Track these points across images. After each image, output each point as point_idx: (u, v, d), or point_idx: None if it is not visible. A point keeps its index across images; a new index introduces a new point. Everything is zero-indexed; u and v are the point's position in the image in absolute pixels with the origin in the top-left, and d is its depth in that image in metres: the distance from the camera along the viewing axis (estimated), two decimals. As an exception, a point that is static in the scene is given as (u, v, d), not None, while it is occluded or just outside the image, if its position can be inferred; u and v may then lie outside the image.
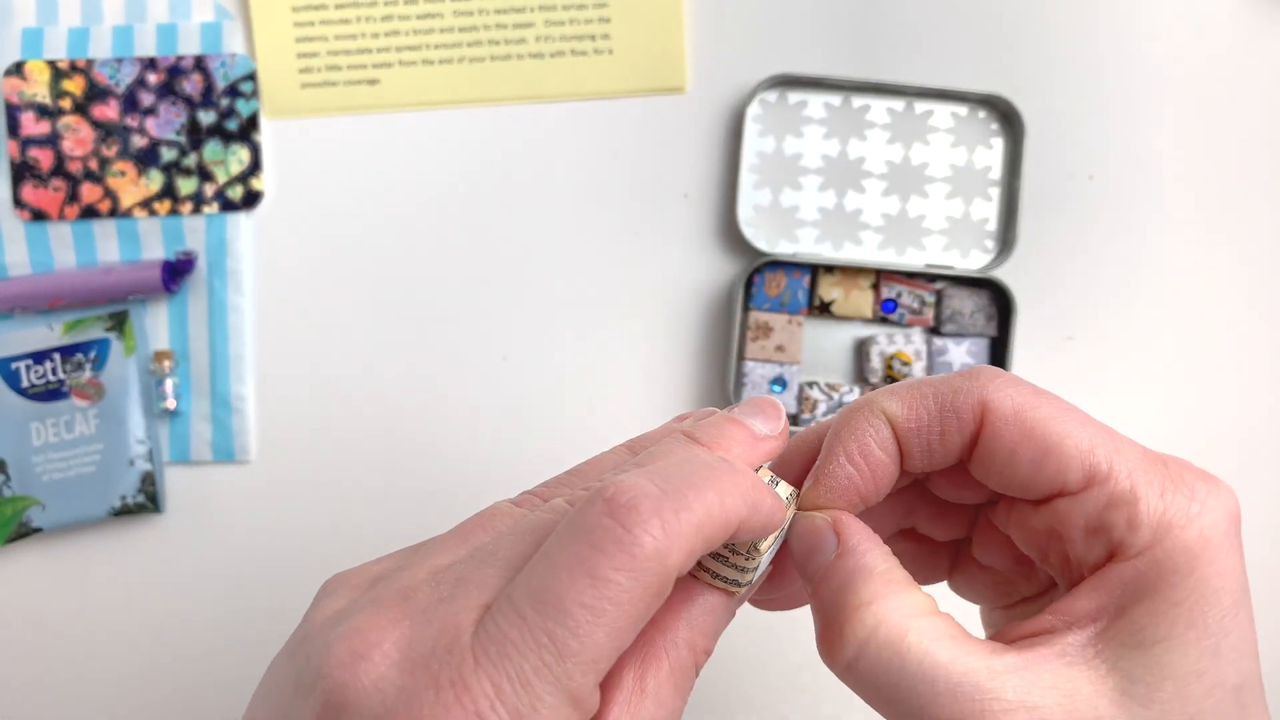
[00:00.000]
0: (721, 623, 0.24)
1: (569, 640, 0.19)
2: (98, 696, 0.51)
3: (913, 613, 0.23)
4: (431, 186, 0.52)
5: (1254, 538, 0.53)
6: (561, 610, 0.19)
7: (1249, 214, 0.52)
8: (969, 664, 0.22)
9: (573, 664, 0.19)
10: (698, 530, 0.20)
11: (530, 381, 0.52)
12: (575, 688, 0.19)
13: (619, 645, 0.20)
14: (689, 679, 0.23)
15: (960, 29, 0.52)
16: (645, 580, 0.20)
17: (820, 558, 0.24)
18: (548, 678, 0.19)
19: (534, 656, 0.19)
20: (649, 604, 0.20)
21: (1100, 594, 0.23)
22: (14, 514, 0.50)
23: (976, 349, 0.51)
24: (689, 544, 0.20)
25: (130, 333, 0.50)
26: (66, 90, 0.50)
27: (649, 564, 0.20)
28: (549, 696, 0.19)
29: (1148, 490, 0.23)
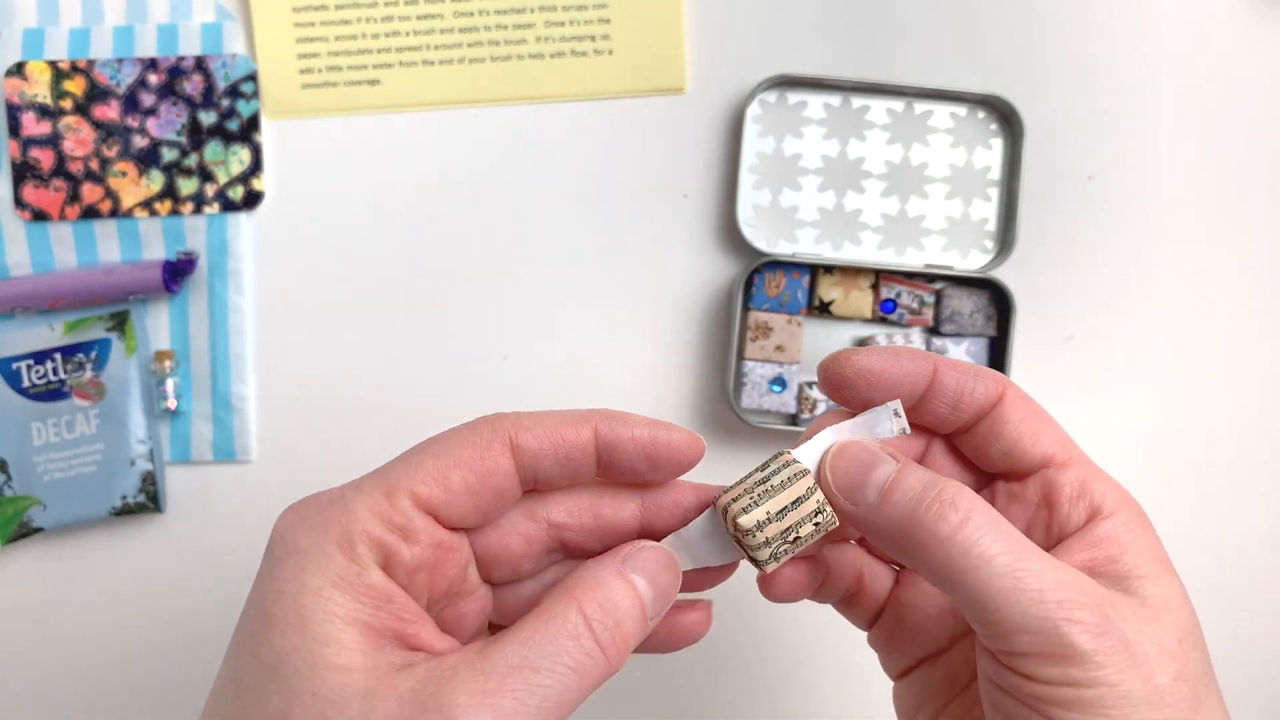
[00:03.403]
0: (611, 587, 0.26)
1: (404, 455, 0.26)
2: (99, 696, 0.51)
3: (984, 501, 0.26)
4: (432, 187, 0.52)
5: (1252, 537, 0.53)
6: (414, 445, 0.27)
7: (1248, 214, 0.52)
8: (1035, 549, 0.25)
9: (398, 468, 0.26)
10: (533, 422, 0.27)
11: (530, 381, 0.52)
12: (391, 483, 0.25)
13: (443, 474, 0.25)
14: (569, 626, 0.24)
15: (960, 30, 0.52)
16: (477, 434, 0.27)
17: (885, 469, 0.27)
18: (377, 475, 0.26)
19: (378, 468, 0.26)
20: (473, 454, 0.26)
21: (1091, 548, 0.27)
22: (15, 514, 0.50)
23: (976, 349, 0.51)
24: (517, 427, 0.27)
25: (131, 333, 0.51)
26: (67, 91, 0.50)
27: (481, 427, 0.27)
28: (367, 482, 0.25)
29: (1099, 473, 0.29)
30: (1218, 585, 0.52)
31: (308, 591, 0.23)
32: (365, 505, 0.25)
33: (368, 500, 0.25)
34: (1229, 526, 0.52)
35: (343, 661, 0.23)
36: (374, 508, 0.25)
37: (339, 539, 0.24)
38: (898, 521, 0.26)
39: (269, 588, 0.24)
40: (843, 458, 0.28)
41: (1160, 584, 0.26)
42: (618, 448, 0.27)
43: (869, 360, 0.29)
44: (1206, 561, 0.52)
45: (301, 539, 0.24)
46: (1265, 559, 0.52)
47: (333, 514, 0.25)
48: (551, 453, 0.27)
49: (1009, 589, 0.24)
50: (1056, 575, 0.25)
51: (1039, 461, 0.29)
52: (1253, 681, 0.52)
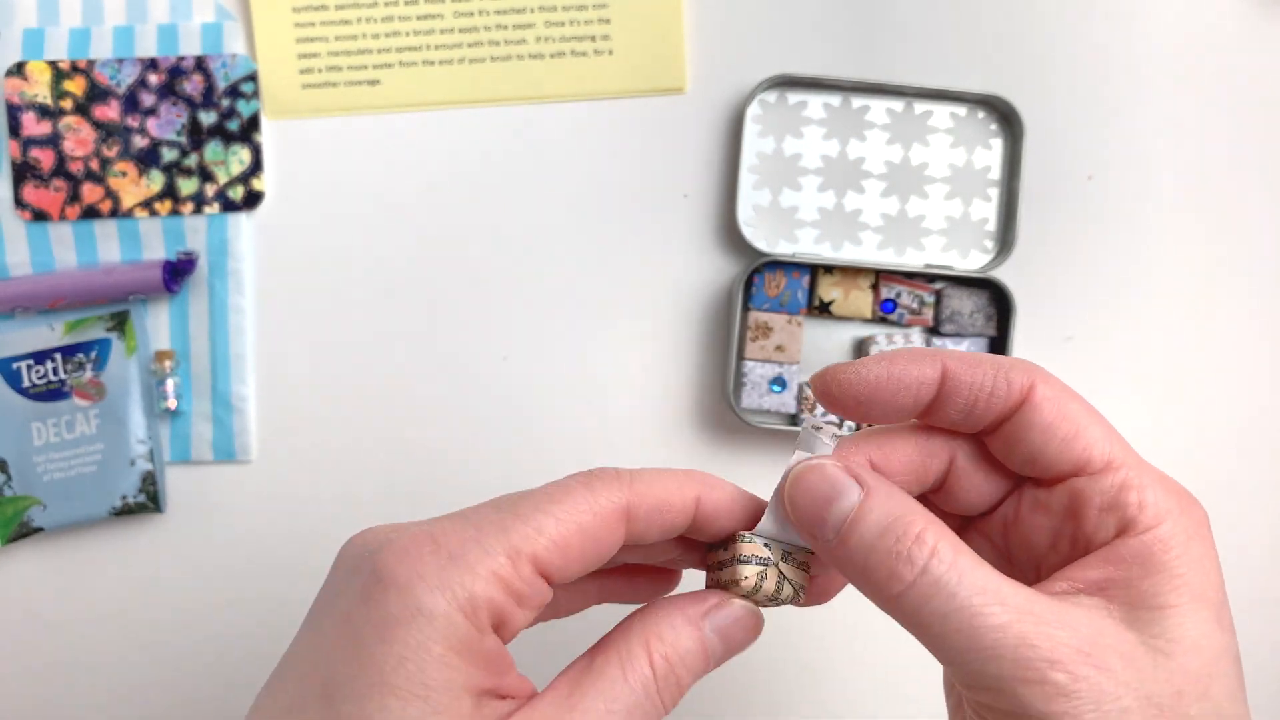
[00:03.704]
0: (683, 638, 0.26)
1: (526, 512, 0.25)
2: (99, 696, 0.51)
3: (957, 542, 0.25)
4: (432, 187, 0.52)
5: (1252, 537, 0.53)
6: (530, 499, 0.25)
7: (1248, 213, 0.52)
8: (1012, 590, 0.24)
9: (519, 527, 0.24)
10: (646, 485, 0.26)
11: (530, 381, 0.52)
12: (514, 545, 0.24)
13: (562, 536, 0.25)
14: (641, 678, 0.25)
15: (959, 29, 0.52)
16: (595, 496, 0.25)
17: (845, 501, 0.25)
18: (497, 529, 0.24)
19: (493, 517, 0.25)
20: (595, 517, 0.25)
21: (1110, 566, 0.25)
22: (15, 514, 0.50)
23: (976, 349, 0.51)
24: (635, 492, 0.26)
25: (131, 333, 0.51)
26: (68, 91, 0.50)
27: (601, 489, 0.26)
28: (490, 541, 0.24)
29: (1151, 481, 0.26)
30: (1218, 585, 0.52)
31: (433, 659, 0.23)
32: (490, 568, 0.24)
33: (492, 563, 0.24)
34: (1229, 526, 0.52)
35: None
36: (499, 571, 0.24)
37: (464, 605, 0.23)
38: (855, 568, 0.25)
39: (388, 650, 0.23)
40: (800, 488, 0.26)
41: (1182, 617, 0.24)
42: (712, 519, 0.27)
43: (856, 376, 0.27)
44: (1206, 561, 0.52)
45: (425, 599, 0.23)
46: (1266, 559, 0.52)
47: (457, 573, 0.24)
48: (659, 521, 0.26)
49: (966, 648, 0.23)
50: (1021, 629, 0.23)
51: (1070, 469, 0.26)
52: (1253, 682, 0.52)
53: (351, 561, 0.25)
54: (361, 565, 0.24)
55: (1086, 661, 0.23)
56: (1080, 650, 0.23)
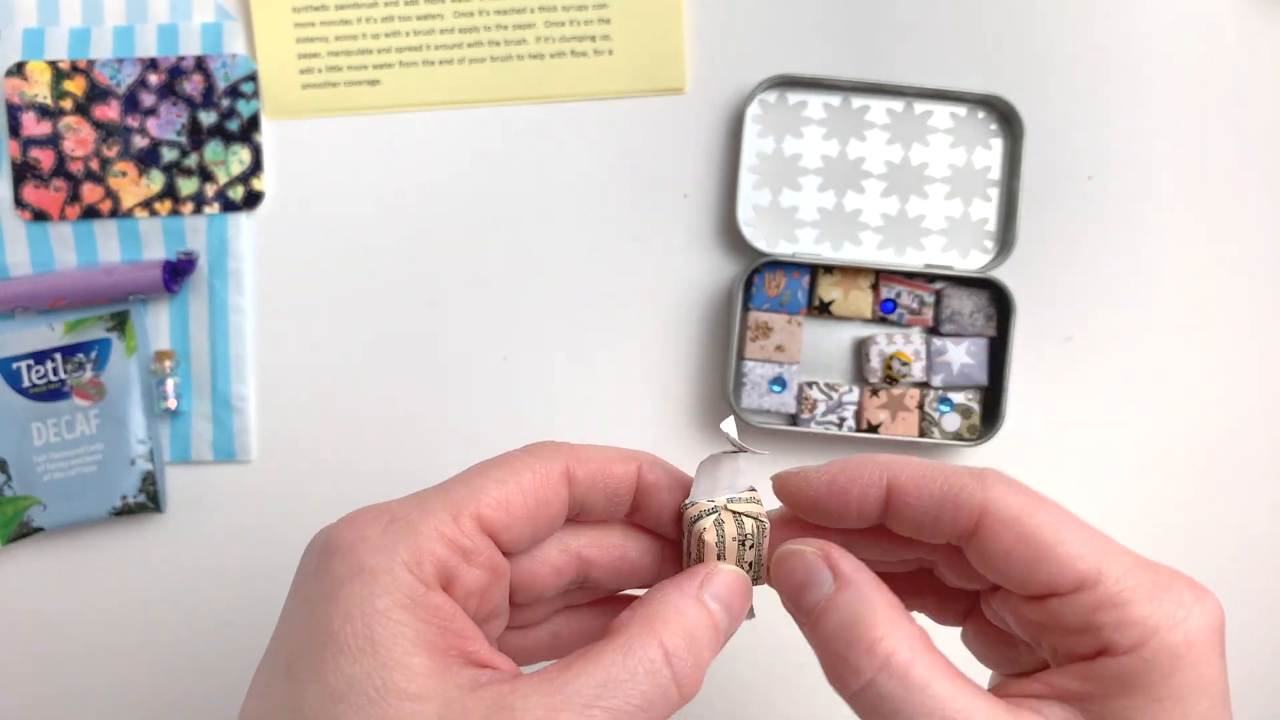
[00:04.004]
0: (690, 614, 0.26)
1: (470, 478, 0.26)
2: (99, 696, 0.51)
3: (917, 649, 0.24)
4: (432, 187, 0.52)
5: (1253, 537, 0.53)
6: (473, 466, 0.27)
7: (1248, 214, 0.52)
8: (965, 704, 0.23)
9: (460, 489, 0.26)
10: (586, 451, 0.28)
11: (530, 382, 0.52)
12: (455, 504, 0.25)
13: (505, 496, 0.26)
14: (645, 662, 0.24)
15: (959, 29, 0.52)
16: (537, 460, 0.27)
17: (816, 592, 0.26)
18: (438, 493, 0.26)
19: (438, 487, 0.26)
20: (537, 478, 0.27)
21: (1088, 681, 0.24)
22: (15, 514, 0.50)
23: (976, 349, 0.51)
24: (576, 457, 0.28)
25: (131, 333, 0.51)
26: (68, 91, 0.50)
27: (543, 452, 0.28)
28: (431, 502, 0.25)
29: (1136, 594, 0.24)
30: (1217, 585, 0.52)
31: (378, 614, 0.23)
32: (432, 525, 0.25)
33: (434, 520, 0.25)
34: (1229, 526, 0.52)
35: (414, 689, 0.22)
36: (440, 528, 0.25)
37: (407, 560, 0.24)
38: (821, 656, 0.25)
39: (333, 608, 0.23)
40: (782, 568, 0.27)
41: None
42: (655, 490, 0.28)
43: (805, 484, 0.27)
44: (1206, 561, 0.52)
45: (368, 559, 0.24)
46: (1266, 558, 0.52)
47: (399, 534, 0.24)
48: (601, 487, 0.27)
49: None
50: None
51: (1038, 593, 0.25)
52: (1254, 682, 0.52)
53: (312, 546, 0.26)
54: (317, 543, 0.26)
55: None
56: None
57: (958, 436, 0.51)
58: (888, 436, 0.50)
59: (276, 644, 0.25)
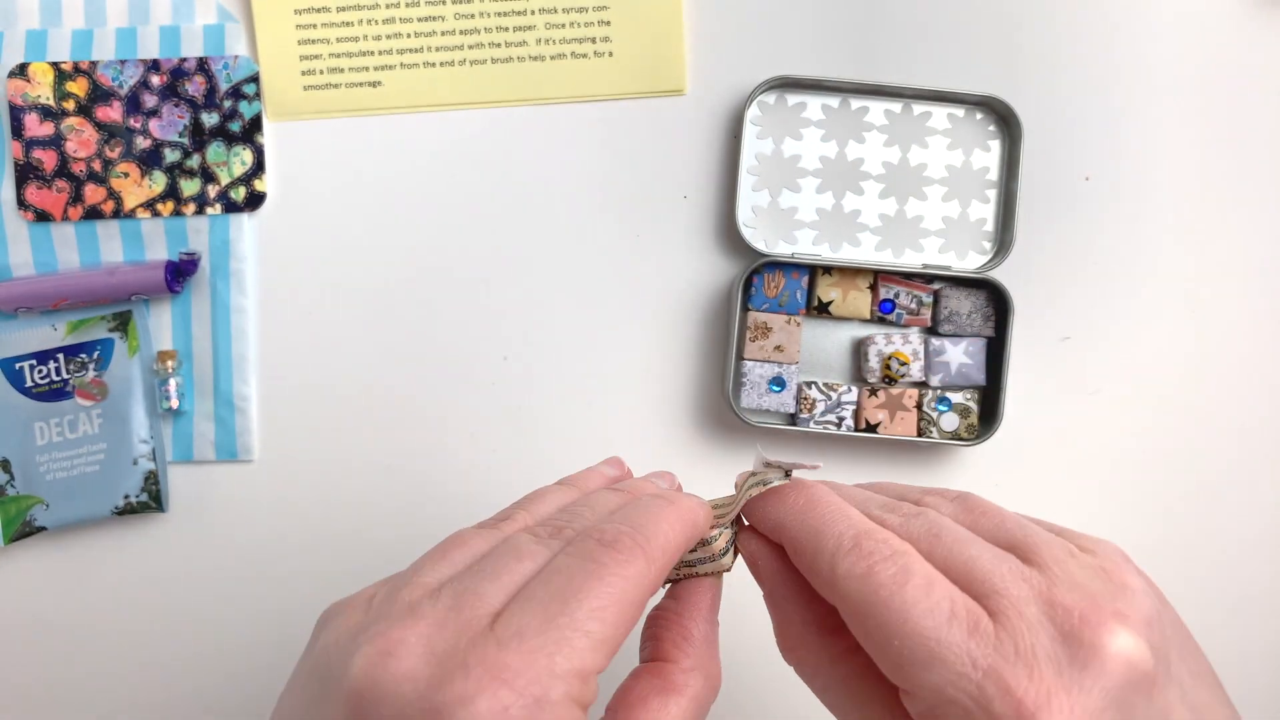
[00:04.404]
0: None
1: (584, 621, 0.24)
2: (101, 695, 0.51)
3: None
4: (433, 187, 0.52)
5: (1251, 536, 0.54)
6: (577, 601, 0.24)
7: (1246, 214, 0.53)
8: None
9: (584, 643, 0.23)
10: (662, 551, 0.27)
11: (530, 381, 0.52)
12: (585, 666, 0.23)
13: (618, 636, 0.24)
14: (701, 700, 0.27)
15: (957, 31, 0.52)
16: (635, 585, 0.25)
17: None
18: (568, 653, 0.23)
19: (553, 634, 0.23)
20: (637, 604, 0.25)
21: None
22: (18, 513, 0.50)
23: (974, 349, 0.51)
24: (659, 562, 0.26)
25: (134, 333, 0.51)
26: (70, 92, 0.51)
27: (636, 575, 0.25)
28: (565, 668, 0.23)
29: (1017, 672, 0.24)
30: (1216, 584, 0.52)
31: None
32: (569, 697, 0.23)
33: (569, 691, 0.23)
34: (1228, 526, 0.53)
35: None
36: (575, 698, 0.23)
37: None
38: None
39: None
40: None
41: None
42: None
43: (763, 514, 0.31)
44: (1205, 560, 0.52)
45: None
46: (1265, 558, 0.53)
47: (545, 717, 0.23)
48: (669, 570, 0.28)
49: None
50: None
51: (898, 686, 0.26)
52: (1252, 679, 0.52)
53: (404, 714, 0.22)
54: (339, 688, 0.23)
55: None
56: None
57: (956, 436, 0.51)
58: (886, 436, 0.51)
59: None
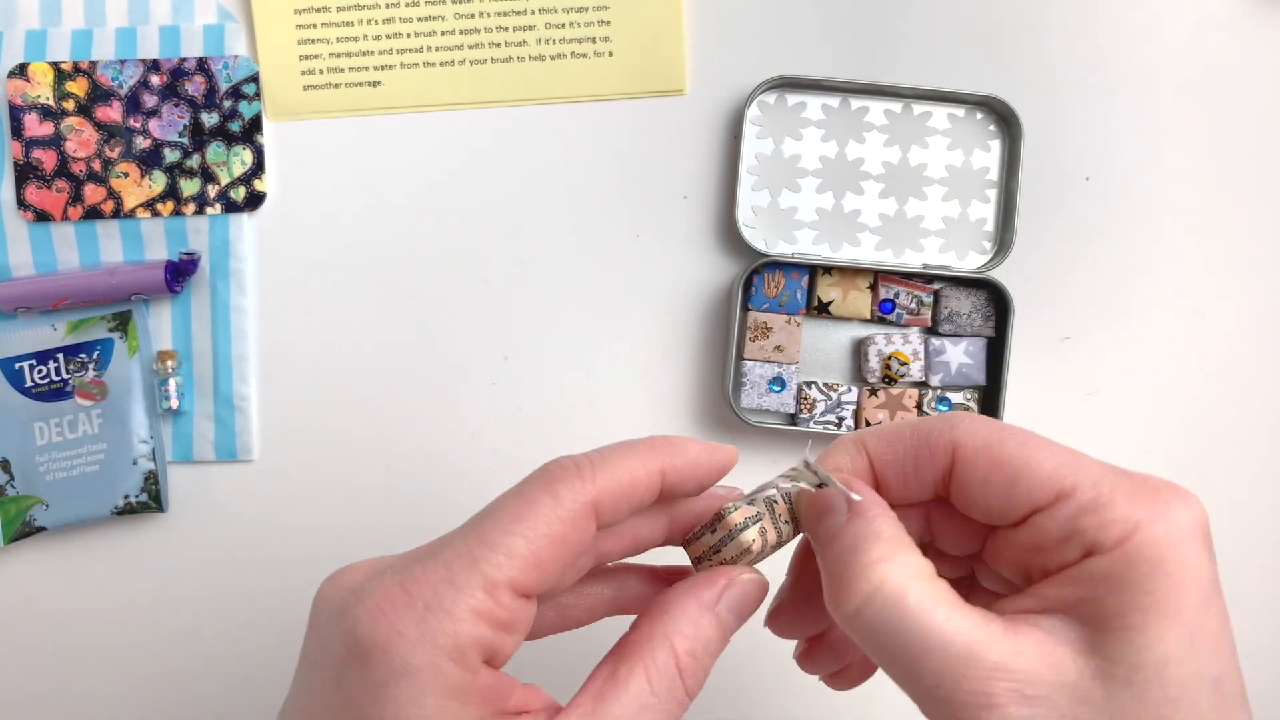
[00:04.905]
0: (704, 628, 0.27)
1: (493, 536, 0.24)
2: (101, 695, 0.51)
3: (914, 575, 0.25)
4: (433, 187, 0.52)
5: (1250, 535, 0.54)
6: (493, 519, 0.24)
7: (1246, 214, 0.53)
8: (961, 625, 0.24)
9: (491, 557, 0.24)
10: (612, 478, 0.26)
11: (530, 381, 0.52)
12: (490, 577, 0.24)
13: (539, 553, 0.24)
14: (667, 679, 0.26)
15: (958, 31, 0.52)
16: (560, 503, 0.25)
17: (832, 520, 0.26)
18: (468, 563, 0.24)
19: (460, 548, 0.24)
20: (566, 522, 0.25)
21: (1076, 585, 0.24)
22: (18, 513, 0.50)
23: (974, 349, 0.51)
24: (602, 484, 0.26)
25: (133, 333, 0.51)
26: (70, 92, 0.51)
27: (565, 493, 0.25)
28: (463, 578, 0.24)
29: (1114, 496, 0.24)
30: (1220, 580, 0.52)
31: (428, 712, 0.23)
32: (468, 607, 0.23)
33: (470, 600, 0.23)
34: (1228, 525, 0.52)
35: None
36: (478, 609, 0.24)
37: (450, 651, 0.23)
38: (826, 581, 0.26)
39: (382, 712, 0.23)
40: (807, 501, 0.28)
41: (1148, 639, 0.23)
42: (678, 483, 0.28)
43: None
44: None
45: (410, 657, 0.23)
46: (1265, 557, 0.53)
47: (437, 623, 0.23)
48: (626, 504, 0.26)
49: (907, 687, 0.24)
50: (957, 671, 0.23)
51: (1021, 512, 0.26)
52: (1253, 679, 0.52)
53: (328, 617, 0.24)
54: (340, 622, 0.24)
55: (1023, 703, 0.22)
56: (1017, 691, 0.23)
57: (956, 436, 0.51)
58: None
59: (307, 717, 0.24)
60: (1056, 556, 0.25)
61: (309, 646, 0.25)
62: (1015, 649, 0.23)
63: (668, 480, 0.27)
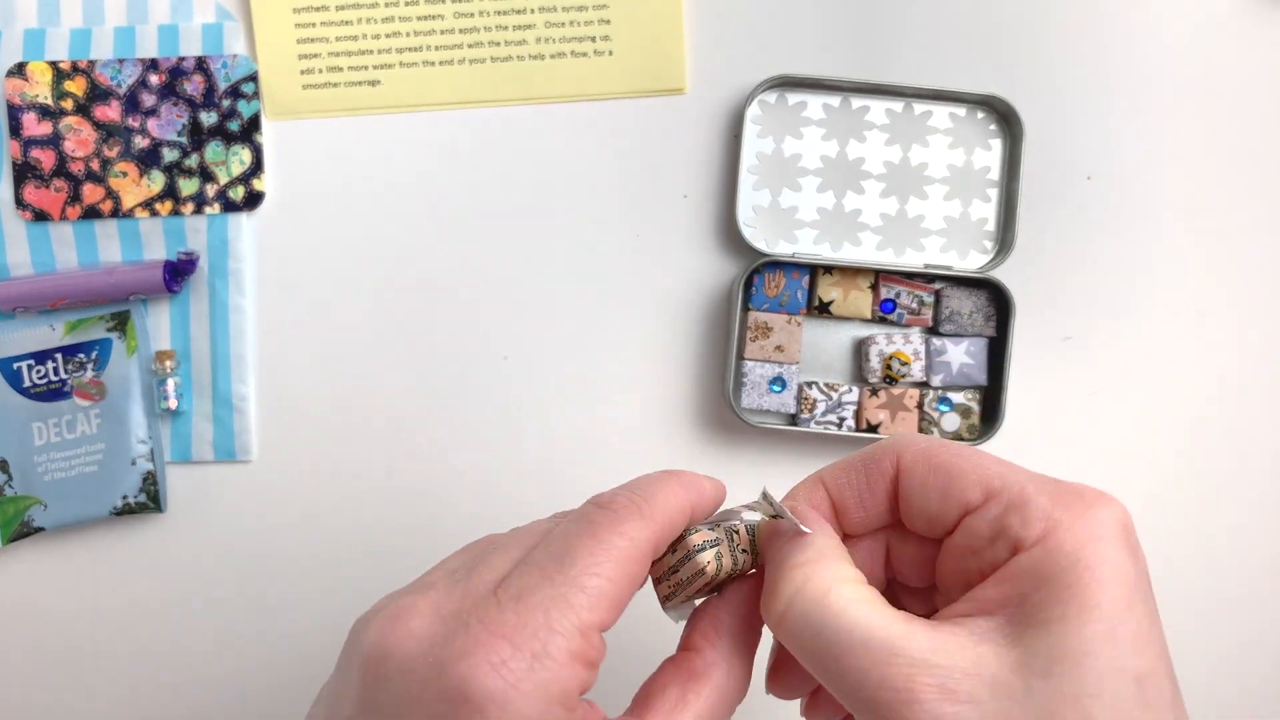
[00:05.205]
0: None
1: (580, 578, 0.25)
2: (100, 695, 0.51)
3: (839, 577, 0.26)
4: (432, 187, 0.52)
5: (1248, 536, 0.54)
6: (571, 560, 0.25)
7: (1246, 214, 0.53)
8: (882, 624, 0.24)
9: (582, 600, 0.25)
10: (662, 510, 0.27)
11: (530, 381, 0.52)
12: (584, 621, 0.24)
13: (617, 591, 0.25)
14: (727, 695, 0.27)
15: (959, 30, 0.52)
16: (633, 544, 0.26)
17: (778, 542, 0.28)
18: (564, 608, 0.24)
19: (549, 591, 0.25)
20: (636, 560, 0.26)
21: (1005, 585, 0.25)
22: (16, 513, 0.50)
23: (975, 349, 0.51)
24: (657, 519, 0.27)
25: (132, 333, 0.51)
26: (68, 91, 0.50)
27: (634, 533, 0.26)
28: (563, 624, 0.24)
29: (1039, 495, 0.26)
30: (1217, 583, 0.52)
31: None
32: (568, 651, 0.24)
33: (570, 646, 0.24)
34: (1228, 525, 0.52)
35: None
36: (575, 652, 0.24)
37: (560, 698, 0.24)
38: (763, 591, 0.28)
39: None
40: (765, 528, 0.29)
41: (1066, 632, 0.23)
42: (698, 520, 0.29)
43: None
44: (1205, 559, 0.52)
45: (529, 710, 0.24)
46: (1265, 557, 0.53)
47: (547, 673, 0.24)
48: (667, 540, 0.28)
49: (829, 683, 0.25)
50: (883, 672, 0.23)
51: (957, 516, 0.27)
52: (1251, 677, 0.52)
53: (413, 672, 0.24)
54: (442, 679, 0.24)
55: (946, 699, 0.23)
56: (939, 686, 0.23)
57: (957, 436, 0.51)
58: (887, 436, 0.50)
59: None
60: (989, 556, 0.26)
61: (377, 700, 0.25)
62: (936, 645, 0.24)
63: (691, 519, 0.29)
